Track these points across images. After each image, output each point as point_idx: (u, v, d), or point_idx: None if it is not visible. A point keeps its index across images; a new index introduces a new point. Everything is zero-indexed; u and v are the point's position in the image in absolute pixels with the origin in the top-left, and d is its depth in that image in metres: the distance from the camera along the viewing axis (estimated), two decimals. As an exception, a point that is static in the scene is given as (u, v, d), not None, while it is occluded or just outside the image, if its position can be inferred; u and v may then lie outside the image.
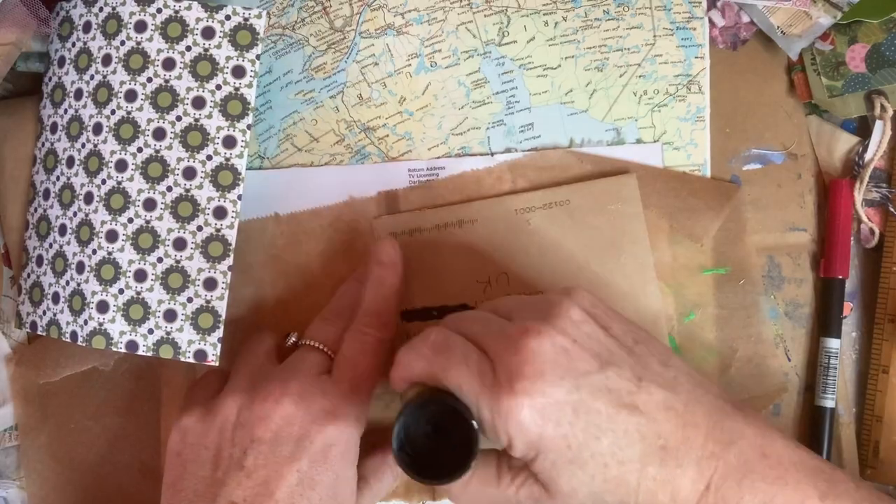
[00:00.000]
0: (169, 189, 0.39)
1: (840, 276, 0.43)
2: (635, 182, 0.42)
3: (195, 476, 0.35)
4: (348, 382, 0.36)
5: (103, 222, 0.39)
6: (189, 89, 0.39)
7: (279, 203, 0.43)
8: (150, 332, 0.39)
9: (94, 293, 0.39)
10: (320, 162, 0.43)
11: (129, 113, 0.39)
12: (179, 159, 0.39)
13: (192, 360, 0.39)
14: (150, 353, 0.39)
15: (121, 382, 0.43)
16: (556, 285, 0.42)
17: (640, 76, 0.43)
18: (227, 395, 0.36)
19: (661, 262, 0.42)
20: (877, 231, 0.44)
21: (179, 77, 0.39)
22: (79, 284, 0.39)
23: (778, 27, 0.43)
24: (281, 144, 0.43)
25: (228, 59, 0.39)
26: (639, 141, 0.43)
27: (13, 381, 0.43)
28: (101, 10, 0.39)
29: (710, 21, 0.43)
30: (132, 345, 0.39)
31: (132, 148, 0.39)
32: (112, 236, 0.39)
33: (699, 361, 0.42)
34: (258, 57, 0.39)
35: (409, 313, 0.42)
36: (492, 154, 0.43)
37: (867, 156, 0.44)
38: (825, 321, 0.43)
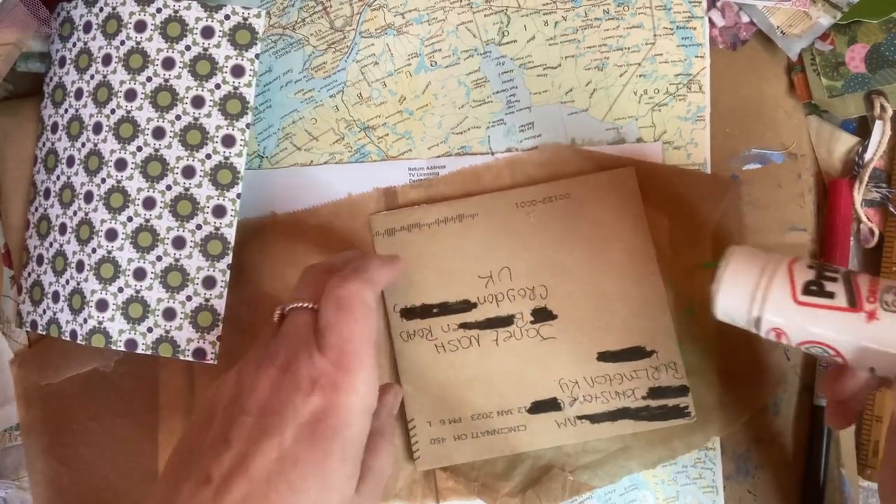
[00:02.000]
0: (168, 188, 0.39)
1: (840, 276, 0.43)
2: (634, 174, 0.42)
3: (189, 448, 0.32)
4: (333, 350, 0.32)
5: (103, 221, 0.39)
6: (188, 88, 0.39)
7: (278, 202, 0.43)
8: (150, 330, 0.39)
9: (93, 292, 0.39)
10: (319, 161, 0.43)
11: (128, 112, 0.39)
12: (179, 158, 0.39)
13: (191, 359, 0.39)
14: (149, 352, 0.39)
15: (120, 384, 0.43)
16: (561, 279, 0.42)
17: (640, 75, 0.43)
18: (233, 369, 0.34)
19: (660, 256, 0.42)
20: (876, 231, 0.44)
21: (179, 76, 0.39)
22: (78, 283, 0.39)
23: (778, 27, 0.43)
24: (280, 143, 0.43)
25: (228, 58, 0.39)
26: (639, 140, 0.43)
27: (16, 384, 0.43)
28: (101, 10, 0.39)
29: (710, 21, 0.43)
30: (131, 343, 0.39)
31: (132, 147, 0.39)
32: (112, 235, 0.39)
33: (699, 355, 0.42)
34: (257, 56, 0.39)
35: (408, 311, 0.42)
36: (492, 154, 0.43)
37: (867, 156, 0.43)
38: (825, 321, 0.43)
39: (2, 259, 0.43)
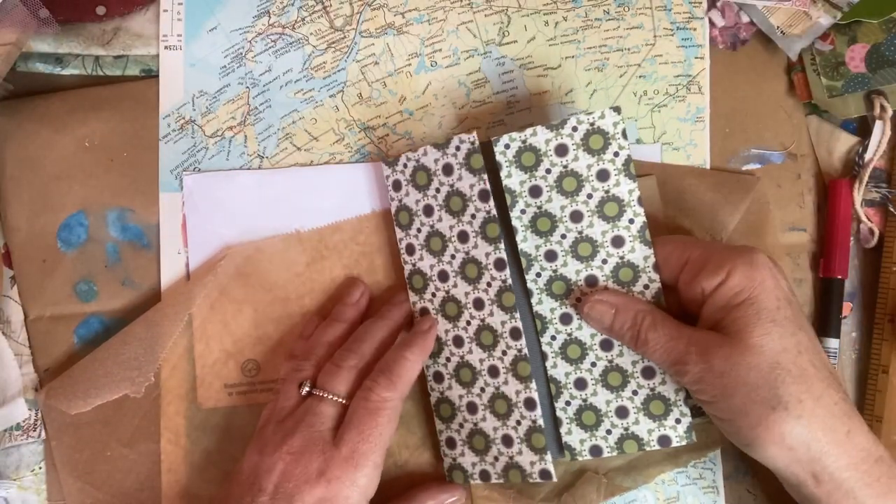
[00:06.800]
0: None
1: (839, 277, 0.43)
2: (655, 184, 0.42)
3: None
4: (348, 446, 0.36)
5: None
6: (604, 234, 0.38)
7: (281, 202, 0.43)
8: (608, 432, 0.39)
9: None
10: (320, 161, 0.43)
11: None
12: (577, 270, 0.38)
13: (657, 448, 0.38)
14: (614, 454, 0.39)
15: (153, 409, 0.42)
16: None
17: (640, 76, 0.43)
18: (253, 443, 0.38)
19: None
20: (876, 231, 0.44)
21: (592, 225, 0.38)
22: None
23: (778, 27, 0.43)
24: (280, 143, 0.43)
25: (589, 167, 0.38)
26: (638, 141, 0.43)
27: (45, 415, 0.42)
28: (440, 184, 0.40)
29: (710, 21, 0.43)
30: (596, 449, 0.39)
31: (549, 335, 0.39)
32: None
33: None
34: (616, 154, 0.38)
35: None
36: (492, 154, 0.43)
37: (867, 156, 0.44)
38: (824, 321, 0.43)
39: (2, 259, 0.43)
